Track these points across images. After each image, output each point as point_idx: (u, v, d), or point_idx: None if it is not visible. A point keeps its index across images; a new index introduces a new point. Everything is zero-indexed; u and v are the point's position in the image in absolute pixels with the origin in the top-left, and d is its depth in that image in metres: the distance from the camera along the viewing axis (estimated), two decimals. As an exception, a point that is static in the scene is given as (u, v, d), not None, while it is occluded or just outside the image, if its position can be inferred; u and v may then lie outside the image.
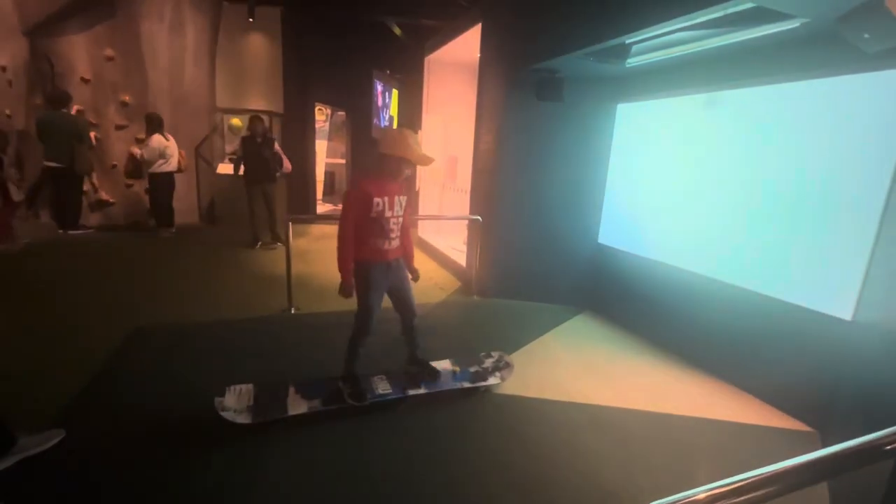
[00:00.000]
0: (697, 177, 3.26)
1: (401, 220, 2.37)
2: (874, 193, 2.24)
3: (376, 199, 2.24)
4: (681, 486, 0.82)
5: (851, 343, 2.30)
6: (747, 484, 0.87)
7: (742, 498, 0.86)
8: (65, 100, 5.78)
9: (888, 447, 1.04)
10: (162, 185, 6.20)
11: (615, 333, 3.77)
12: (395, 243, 2.38)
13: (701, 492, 0.84)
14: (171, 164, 6.17)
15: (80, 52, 6.16)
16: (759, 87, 2.81)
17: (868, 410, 2.23)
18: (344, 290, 2.31)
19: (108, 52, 6.29)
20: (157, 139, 5.97)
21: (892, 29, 1.54)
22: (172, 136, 6.26)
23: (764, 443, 2.37)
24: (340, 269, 2.30)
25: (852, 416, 2.30)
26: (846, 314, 2.35)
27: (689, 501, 0.82)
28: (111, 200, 6.69)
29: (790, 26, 2.20)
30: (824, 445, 2.28)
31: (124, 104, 6.53)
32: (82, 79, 6.15)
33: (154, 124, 6.03)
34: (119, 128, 6.55)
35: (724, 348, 3.02)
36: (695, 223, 3.28)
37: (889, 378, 2.14)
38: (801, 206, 2.58)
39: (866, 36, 1.63)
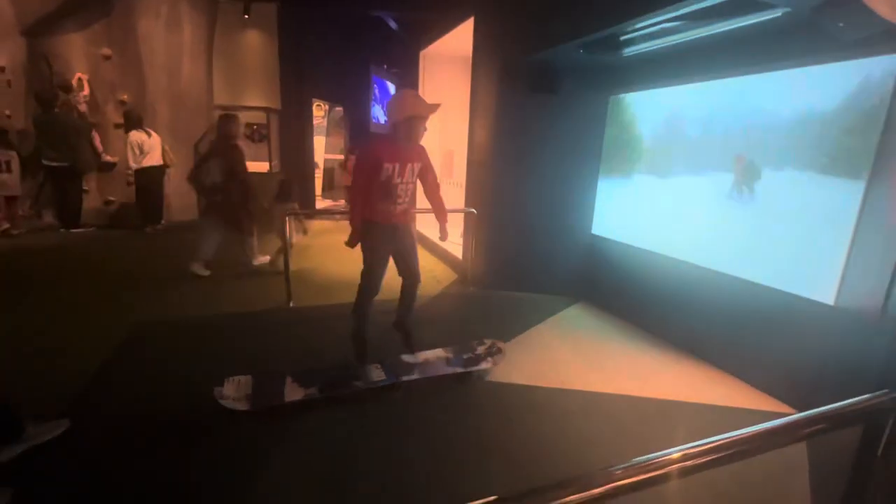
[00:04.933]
0: (686, 167, 3.30)
1: (411, 187, 2.41)
2: (855, 182, 2.28)
3: (386, 165, 2.29)
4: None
5: (834, 327, 2.36)
6: (720, 444, 0.95)
7: (714, 457, 0.94)
8: (52, 99, 5.81)
9: (853, 412, 1.13)
10: (147, 180, 6.23)
11: (608, 322, 3.83)
12: (402, 209, 2.44)
13: (676, 451, 0.92)
14: (153, 159, 6.18)
15: (77, 51, 6.22)
16: (745, 76, 2.84)
17: (850, 393, 2.28)
18: (350, 240, 2.47)
19: (106, 50, 6.34)
20: (134, 135, 6.01)
21: (864, 18, 1.58)
22: (170, 134, 6.32)
23: (748, 426, 2.43)
24: (350, 222, 2.44)
25: (834, 397, 2.36)
26: (829, 299, 2.40)
27: (665, 459, 0.90)
28: (112, 199, 6.76)
29: (773, 15, 2.24)
30: (807, 426, 2.35)
31: (122, 103, 6.58)
32: (80, 78, 6.19)
33: (131, 120, 6.08)
34: (118, 126, 6.60)
35: (714, 334, 3.08)
36: (684, 213, 3.33)
37: (869, 361, 2.20)
38: (786, 194, 2.62)
39: (841, 25, 1.67)
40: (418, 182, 2.58)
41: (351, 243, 2.49)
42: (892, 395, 1.20)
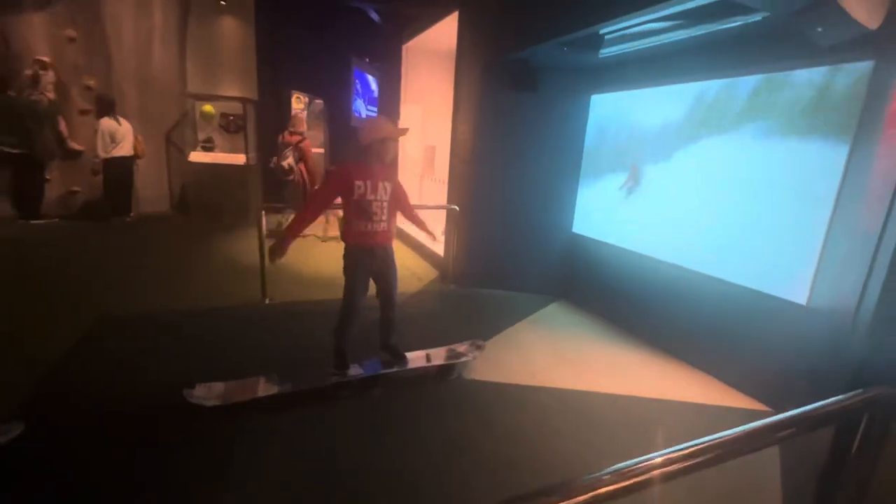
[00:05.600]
0: (663, 168, 3.34)
1: (386, 204, 2.40)
2: (828, 184, 2.34)
3: (358, 183, 2.31)
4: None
5: (806, 326, 2.42)
6: (699, 449, 0.94)
7: (694, 461, 0.93)
8: (8, 81, 5.48)
9: (828, 412, 1.14)
10: (116, 170, 5.96)
11: (587, 321, 3.86)
12: (381, 227, 2.42)
13: (657, 456, 0.90)
14: (124, 149, 5.92)
15: (38, 32, 5.86)
16: (724, 79, 2.88)
17: (820, 391, 2.35)
18: (273, 250, 2.37)
19: (70, 32, 6.00)
20: (105, 122, 5.74)
21: (842, 23, 1.61)
22: (140, 121, 6.05)
23: (722, 422, 2.45)
24: (286, 233, 2.37)
25: (806, 396, 2.42)
26: (802, 299, 2.46)
27: (647, 465, 0.88)
28: (76, 189, 6.43)
29: (753, 19, 2.26)
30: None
31: (88, 88, 6.25)
32: (38, 60, 5.83)
33: (104, 106, 5.80)
34: (83, 113, 6.28)
35: (688, 333, 3.13)
36: (661, 213, 3.37)
37: (839, 360, 2.26)
38: (761, 195, 2.67)
39: (819, 29, 1.70)
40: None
41: (272, 255, 2.36)
42: (864, 396, 1.22)
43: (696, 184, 3.10)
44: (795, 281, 2.50)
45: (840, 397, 1.24)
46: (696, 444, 0.96)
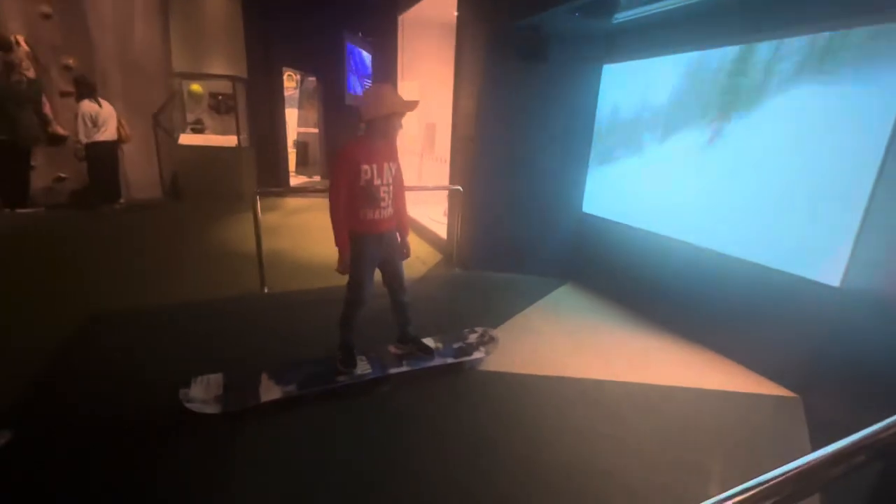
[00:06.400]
0: (683, 143, 3.14)
1: (391, 188, 2.23)
2: (868, 159, 2.16)
3: (364, 167, 2.11)
4: (669, 460, 0.71)
5: (838, 309, 2.28)
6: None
7: None
8: None
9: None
10: (100, 155, 5.67)
11: (600, 304, 3.72)
12: (388, 213, 2.26)
13: None
14: (108, 133, 5.65)
15: (9, 7, 5.51)
16: (747, 44, 2.66)
17: (851, 375, 2.23)
18: (341, 266, 2.20)
19: (44, 8, 5.65)
20: (86, 105, 5.44)
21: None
22: (125, 103, 5.76)
23: (749, 410, 2.36)
24: (337, 244, 2.17)
25: (836, 381, 2.31)
26: (834, 281, 2.32)
27: None
28: (63, 175, 6.18)
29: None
30: (807, 411, 2.28)
31: (68, 68, 5.94)
32: (15, 39, 5.51)
33: (84, 88, 5.49)
34: (64, 95, 5.98)
35: (710, 316, 2.99)
36: (681, 190, 3.19)
37: (873, 344, 2.14)
38: (792, 171, 2.49)
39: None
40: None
41: (343, 268, 2.19)
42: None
43: (715, 158, 2.91)
44: (828, 262, 2.34)
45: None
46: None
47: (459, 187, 4.27)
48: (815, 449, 0.84)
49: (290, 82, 10.04)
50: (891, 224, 2.08)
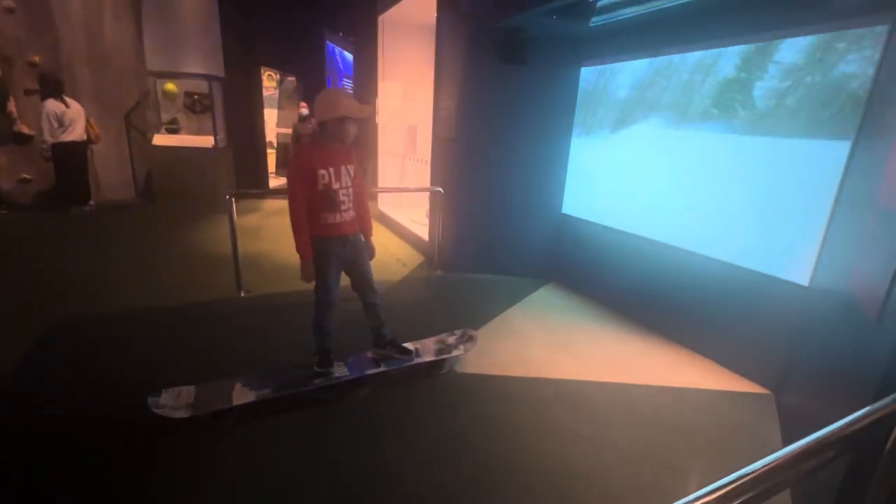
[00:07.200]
0: (658, 145, 3.19)
1: (351, 190, 2.20)
2: (834, 159, 2.23)
3: (321, 171, 2.08)
4: (645, 460, 0.71)
5: (808, 308, 2.34)
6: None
7: None
8: None
9: (849, 434, 0.91)
10: (67, 156, 5.47)
11: (579, 304, 3.75)
12: (349, 215, 2.23)
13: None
14: (76, 133, 5.45)
15: (-31, 1, 5.27)
16: (720, 48, 2.72)
17: (821, 372, 2.29)
18: (304, 274, 2.16)
19: (6, 2, 5.42)
20: (51, 104, 5.24)
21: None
22: (95, 102, 5.57)
23: (722, 408, 2.41)
24: (298, 251, 2.13)
25: (806, 378, 2.37)
26: (804, 280, 2.38)
27: None
28: (28, 177, 5.94)
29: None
30: (779, 407, 2.32)
31: (33, 65, 5.71)
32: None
33: (48, 87, 5.28)
34: (29, 92, 5.75)
35: (686, 315, 3.05)
36: (656, 192, 3.24)
37: (841, 341, 2.20)
38: (763, 173, 2.56)
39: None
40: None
41: (306, 276, 2.16)
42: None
43: (690, 160, 2.96)
44: (797, 261, 2.41)
45: (866, 410, 0.97)
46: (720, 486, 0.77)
47: (440, 189, 4.26)
48: (786, 445, 0.86)
49: (270, 82, 9.87)
50: (855, 225, 2.15)
